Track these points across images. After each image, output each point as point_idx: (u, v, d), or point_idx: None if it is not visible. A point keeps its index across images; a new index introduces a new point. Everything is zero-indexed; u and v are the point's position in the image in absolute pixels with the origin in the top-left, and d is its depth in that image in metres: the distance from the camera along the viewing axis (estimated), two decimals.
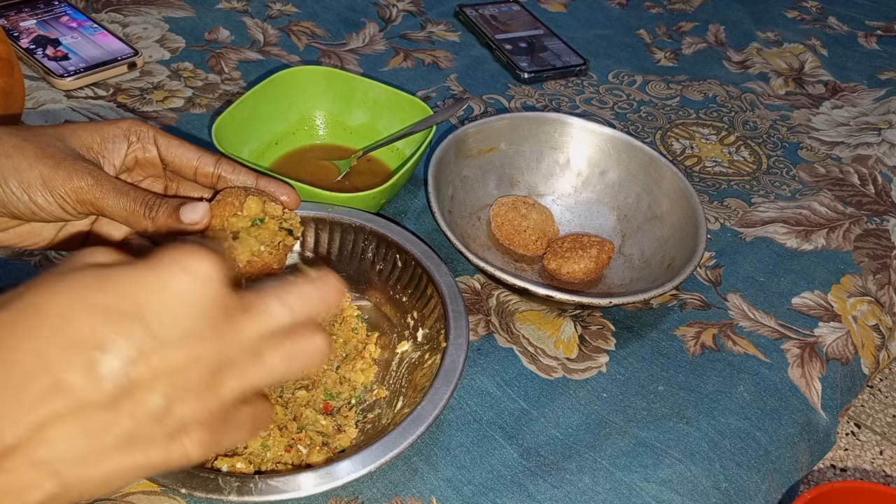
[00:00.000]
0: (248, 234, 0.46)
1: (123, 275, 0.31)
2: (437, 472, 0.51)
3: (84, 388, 0.29)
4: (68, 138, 0.46)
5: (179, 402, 0.31)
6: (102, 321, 0.30)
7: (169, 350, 0.31)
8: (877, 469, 1.46)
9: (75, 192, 0.44)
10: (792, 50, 1.03)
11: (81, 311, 0.30)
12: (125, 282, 0.31)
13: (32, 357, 0.29)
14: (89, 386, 0.29)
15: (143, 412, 0.31)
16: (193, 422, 0.32)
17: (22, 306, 0.30)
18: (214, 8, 0.94)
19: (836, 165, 0.83)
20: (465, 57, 0.92)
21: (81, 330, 0.30)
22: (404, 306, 0.57)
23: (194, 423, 0.32)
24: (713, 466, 0.53)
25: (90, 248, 0.34)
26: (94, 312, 0.30)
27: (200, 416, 0.32)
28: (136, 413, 0.31)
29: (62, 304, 0.30)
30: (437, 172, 0.64)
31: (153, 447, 0.32)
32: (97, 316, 0.30)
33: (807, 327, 0.64)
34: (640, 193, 0.69)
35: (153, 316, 0.31)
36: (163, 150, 0.49)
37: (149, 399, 0.31)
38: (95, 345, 0.30)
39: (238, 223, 0.46)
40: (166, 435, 0.32)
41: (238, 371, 0.33)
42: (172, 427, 0.32)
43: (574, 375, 0.58)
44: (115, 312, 0.30)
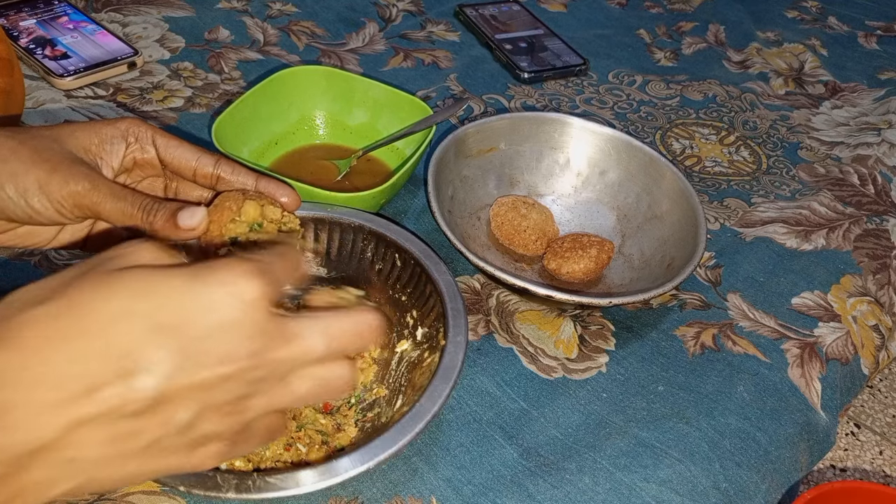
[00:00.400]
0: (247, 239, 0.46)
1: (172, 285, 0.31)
2: (436, 472, 0.50)
3: (117, 397, 0.30)
4: (65, 140, 0.45)
5: (204, 418, 0.32)
6: (145, 332, 0.30)
7: (203, 370, 0.31)
8: (876, 469, 1.46)
9: (72, 197, 0.43)
10: (792, 50, 1.03)
11: (126, 318, 0.30)
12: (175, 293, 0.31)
13: (73, 359, 0.30)
14: (122, 396, 0.30)
15: (170, 425, 0.31)
16: (215, 436, 0.33)
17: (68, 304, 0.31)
18: (214, 8, 0.94)
19: (835, 165, 0.83)
20: (465, 57, 0.92)
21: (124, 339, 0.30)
22: (403, 305, 0.57)
23: (215, 438, 0.33)
24: (713, 466, 0.53)
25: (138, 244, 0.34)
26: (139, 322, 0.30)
27: (222, 431, 0.33)
28: (163, 426, 0.31)
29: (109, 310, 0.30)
30: (436, 172, 0.64)
31: (173, 456, 0.33)
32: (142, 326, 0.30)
33: (807, 327, 0.64)
34: (640, 193, 0.69)
35: (195, 335, 0.31)
36: (161, 151, 0.48)
37: (177, 414, 0.31)
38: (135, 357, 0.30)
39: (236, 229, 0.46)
40: (187, 446, 0.33)
41: (265, 396, 0.34)
42: (194, 440, 0.33)
43: (574, 375, 0.58)
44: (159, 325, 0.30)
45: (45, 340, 0.30)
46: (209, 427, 0.33)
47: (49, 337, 0.30)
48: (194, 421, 0.32)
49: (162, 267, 0.33)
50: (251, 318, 0.32)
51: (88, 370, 0.30)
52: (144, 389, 0.30)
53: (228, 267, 0.32)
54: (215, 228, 0.45)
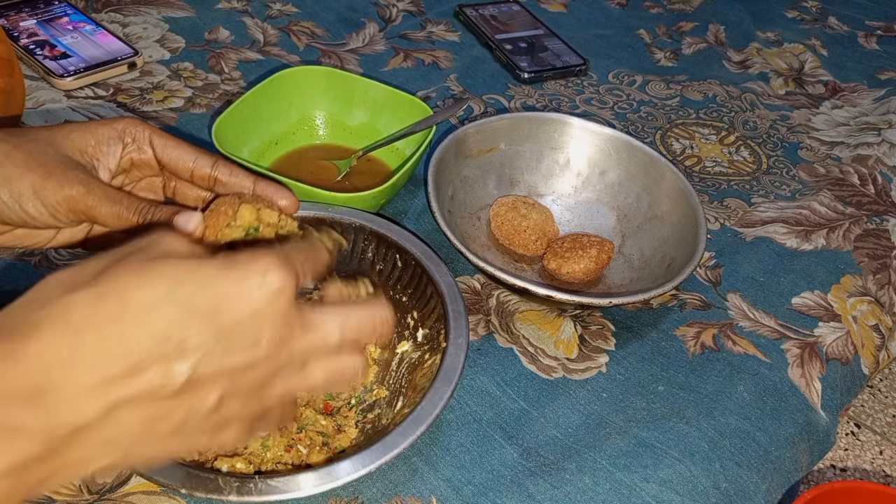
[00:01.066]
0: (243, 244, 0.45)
1: (208, 273, 0.33)
2: (437, 472, 0.51)
3: (157, 379, 0.31)
4: (61, 143, 0.45)
5: (230, 400, 0.34)
6: (183, 318, 0.32)
7: (233, 355, 0.33)
8: (877, 469, 1.46)
9: (66, 202, 0.43)
10: (792, 50, 1.03)
11: (166, 304, 0.32)
12: (208, 282, 0.33)
13: (116, 342, 0.31)
14: (162, 378, 0.32)
15: (200, 406, 0.33)
16: (237, 418, 0.35)
17: (111, 288, 0.32)
18: (214, 8, 0.94)
19: (836, 165, 0.83)
20: (465, 57, 0.92)
21: (163, 324, 0.32)
22: (404, 306, 0.57)
23: (237, 419, 0.35)
24: (713, 466, 0.53)
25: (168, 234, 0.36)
26: (176, 308, 0.32)
27: (243, 413, 0.35)
28: (194, 406, 0.33)
29: (150, 294, 0.32)
30: (437, 172, 0.64)
31: (199, 436, 0.35)
32: (179, 312, 0.32)
33: (807, 327, 0.64)
34: (640, 193, 0.69)
35: (229, 321, 0.33)
36: (158, 152, 0.48)
37: (207, 396, 0.33)
38: (174, 341, 0.32)
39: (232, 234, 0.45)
40: (213, 427, 0.35)
41: (284, 381, 0.36)
42: (219, 421, 0.35)
43: (574, 375, 0.58)
44: (195, 311, 0.32)
45: (88, 323, 0.31)
46: (233, 409, 0.35)
47: (91, 321, 0.31)
48: (221, 403, 0.34)
49: (194, 257, 0.34)
50: (278, 307, 0.34)
51: (129, 353, 0.31)
52: (181, 372, 0.32)
53: (257, 258, 0.34)
54: (211, 233, 0.44)
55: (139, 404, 0.32)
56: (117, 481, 0.48)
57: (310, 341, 0.36)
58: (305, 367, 0.37)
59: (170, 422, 0.33)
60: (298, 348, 0.36)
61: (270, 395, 0.36)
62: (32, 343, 0.30)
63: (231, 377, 0.33)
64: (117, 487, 0.47)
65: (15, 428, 0.30)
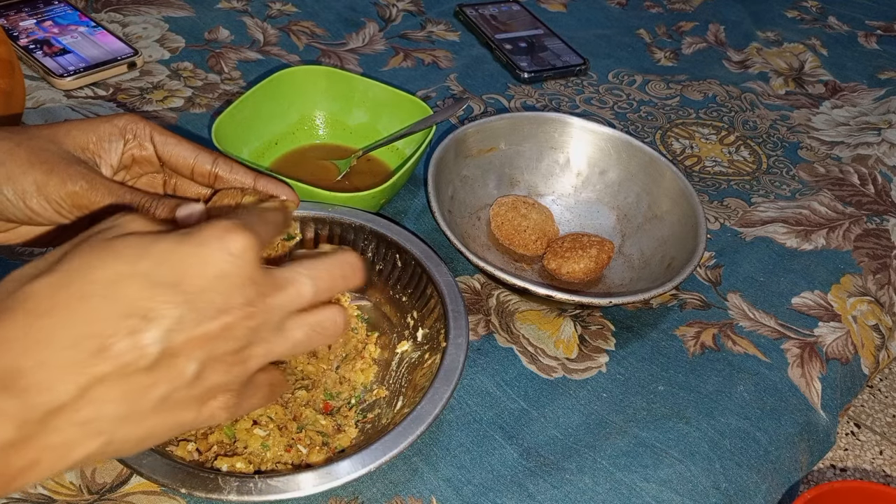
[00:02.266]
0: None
1: (167, 246, 0.33)
2: (437, 472, 0.51)
3: (128, 353, 0.31)
4: (63, 140, 0.45)
5: (210, 369, 0.34)
6: (148, 290, 0.32)
7: (205, 321, 0.33)
8: (877, 469, 1.46)
9: (70, 198, 0.44)
10: (792, 50, 1.03)
11: (129, 279, 0.32)
12: (168, 253, 0.33)
13: (82, 321, 0.31)
14: (133, 351, 0.31)
15: (179, 378, 0.33)
16: (221, 387, 0.35)
17: (71, 270, 0.32)
18: (214, 8, 0.94)
19: (836, 165, 0.83)
20: (465, 57, 0.92)
21: (128, 298, 0.31)
22: (404, 306, 0.57)
23: (222, 389, 0.35)
24: (713, 466, 0.53)
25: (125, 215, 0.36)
26: (140, 281, 0.32)
27: (228, 382, 0.35)
28: (173, 378, 0.33)
29: (111, 272, 0.32)
30: (437, 172, 0.64)
31: (185, 410, 0.34)
32: (143, 285, 0.32)
33: (807, 327, 0.64)
34: (640, 193, 0.69)
35: (194, 288, 0.33)
36: (159, 148, 0.48)
37: (185, 366, 0.33)
38: (141, 313, 0.31)
39: None
40: (197, 399, 0.34)
41: (264, 344, 0.36)
42: (203, 392, 0.34)
43: (574, 375, 0.58)
44: (159, 283, 0.32)
45: (51, 307, 0.31)
46: (216, 378, 0.34)
47: (55, 303, 0.31)
48: (201, 372, 0.33)
49: (152, 232, 0.34)
50: (241, 268, 0.34)
51: (98, 330, 0.31)
52: (153, 343, 0.31)
53: (213, 225, 0.34)
54: None
55: (114, 381, 0.31)
56: (117, 481, 0.48)
57: (283, 299, 0.36)
58: (283, 328, 0.36)
59: (150, 397, 0.32)
60: (272, 308, 0.35)
61: (253, 361, 0.36)
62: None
63: (207, 344, 0.33)
64: (117, 487, 0.47)
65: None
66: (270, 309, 0.35)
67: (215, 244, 0.33)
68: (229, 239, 0.33)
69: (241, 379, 0.36)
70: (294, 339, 0.37)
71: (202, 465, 0.47)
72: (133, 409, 0.32)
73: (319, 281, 0.37)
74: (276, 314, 0.36)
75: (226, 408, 0.36)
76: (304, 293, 0.37)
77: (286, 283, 0.36)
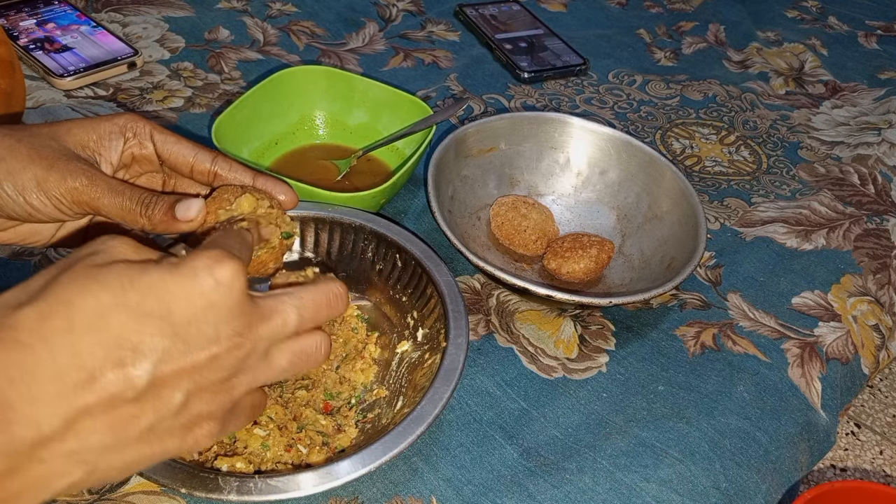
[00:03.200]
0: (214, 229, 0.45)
1: (154, 276, 0.33)
2: (437, 472, 0.51)
3: (115, 384, 0.31)
4: (63, 137, 0.45)
5: (196, 398, 0.34)
6: (135, 321, 0.32)
7: (193, 351, 0.33)
8: (877, 469, 1.46)
9: (70, 193, 0.44)
10: (792, 50, 1.03)
11: (116, 310, 0.31)
12: (156, 283, 0.33)
13: (68, 352, 0.30)
14: (120, 382, 0.31)
15: (165, 407, 0.33)
16: (206, 415, 0.35)
17: (57, 300, 0.31)
18: (214, 8, 0.94)
19: (836, 165, 0.83)
20: (465, 57, 0.92)
21: (115, 328, 0.31)
22: (404, 306, 0.57)
23: (207, 417, 0.35)
24: (713, 466, 0.53)
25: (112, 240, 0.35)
26: (127, 312, 0.32)
27: (213, 410, 0.35)
28: (159, 408, 0.33)
29: (97, 303, 0.31)
30: (437, 172, 0.64)
31: (170, 438, 0.34)
32: (130, 316, 0.32)
33: (807, 327, 0.64)
34: (640, 193, 0.69)
35: (181, 319, 0.33)
36: (159, 147, 0.48)
37: (171, 395, 0.33)
38: (128, 344, 0.31)
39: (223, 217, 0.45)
40: (182, 427, 0.34)
41: (249, 373, 0.36)
42: (188, 420, 0.34)
43: (574, 375, 0.58)
44: (147, 313, 0.32)
45: (38, 338, 0.30)
46: (201, 407, 0.34)
47: (42, 334, 0.30)
48: (187, 401, 0.33)
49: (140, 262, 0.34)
50: (231, 299, 0.34)
51: (85, 362, 0.30)
52: (141, 375, 0.31)
53: (201, 255, 0.34)
54: (212, 219, 0.45)
55: (101, 412, 0.31)
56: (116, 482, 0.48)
57: (269, 329, 0.36)
58: (268, 356, 0.37)
59: (136, 426, 0.32)
60: (260, 338, 0.35)
61: (238, 389, 0.36)
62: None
63: (194, 374, 0.33)
64: (117, 487, 0.47)
65: None
66: (258, 339, 0.35)
67: (203, 275, 0.33)
68: (218, 269, 0.33)
69: (225, 406, 0.36)
70: (279, 366, 0.37)
71: (202, 465, 0.47)
72: (118, 439, 0.32)
73: (304, 311, 0.38)
74: (262, 344, 0.36)
75: (210, 435, 0.36)
76: (290, 322, 0.37)
77: (272, 312, 0.36)
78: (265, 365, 0.37)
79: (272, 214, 0.47)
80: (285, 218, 0.47)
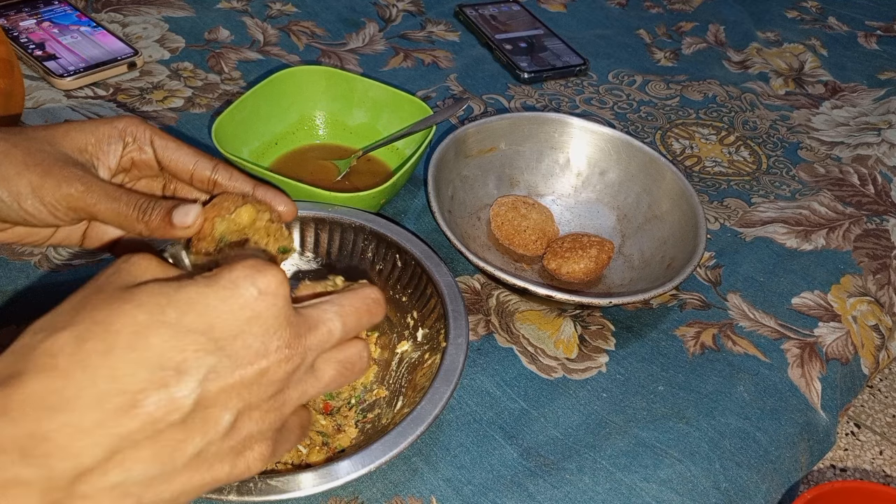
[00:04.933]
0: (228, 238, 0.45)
1: (192, 291, 0.31)
2: (437, 472, 0.51)
3: (160, 407, 0.29)
4: (60, 141, 0.45)
5: (247, 418, 0.32)
6: (177, 340, 0.30)
7: (240, 367, 0.31)
8: (877, 469, 1.46)
9: (65, 200, 0.43)
10: (792, 50, 1.03)
11: (155, 328, 0.30)
12: (195, 298, 0.31)
13: (108, 375, 0.29)
14: (165, 405, 0.29)
15: (214, 430, 0.31)
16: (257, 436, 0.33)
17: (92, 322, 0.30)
18: (214, 8, 0.94)
19: (835, 165, 0.83)
20: (465, 57, 0.92)
21: (156, 348, 0.30)
22: (404, 306, 0.57)
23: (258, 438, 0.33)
24: (713, 466, 0.53)
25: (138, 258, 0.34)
26: (168, 331, 0.30)
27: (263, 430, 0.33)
28: (207, 431, 0.31)
29: (135, 322, 0.30)
30: (437, 172, 0.64)
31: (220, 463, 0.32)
32: (171, 334, 0.30)
33: (807, 327, 0.64)
34: (640, 193, 0.69)
35: (227, 333, 0.31)
36: (159, 153, 0.48)
37: (220, 416, 0.31)
38: (171, 363, 0.30)
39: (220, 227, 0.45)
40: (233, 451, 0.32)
41: (298, 387, 0.34)
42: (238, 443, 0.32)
43: (574, 375, 0.58)
44: (189, 330, 0.30)
45: (74, 363, 0.29)
46: (251, 427, 0.32)
47: (79, 360, 0.29)
48: (236, 422, 0.32)
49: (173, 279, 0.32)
50: (276, 309, 0.32)
51: (126, 386, 0.29)
52: (186, 395, 0.30)
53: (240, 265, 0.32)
54: (209, 227, 0.44)
55: (145, 439, 0.29)
56: None
57: (316, 339, 0.34)
58: (315, 370, 0.35)
59: (183, 452, 0.30)
60: (308, 349, 0.34)
61: (288, 405, 0.34)
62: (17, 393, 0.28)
63: (243, 392, 0.31)
64: None
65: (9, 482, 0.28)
66: (306, 350, 0.34)
67: (245, 284, 0.31)
68: (260, 278, 0.32)
69: (275, 426, 0.34)
70: (326, 378, 0.36)
71: None
72: (165, 467, 0.30)
73: (347, 318, 0.36)
74: (310, 355, 0.34)
75: (262, 458, 0.34)
76: (335, 332, 0.35)
77: (318, 322, 0.35)
78: (313, 378, 0.35)
79: (271, 228, 0.46)
80: (283, 232, 0.47)
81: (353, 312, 0.37)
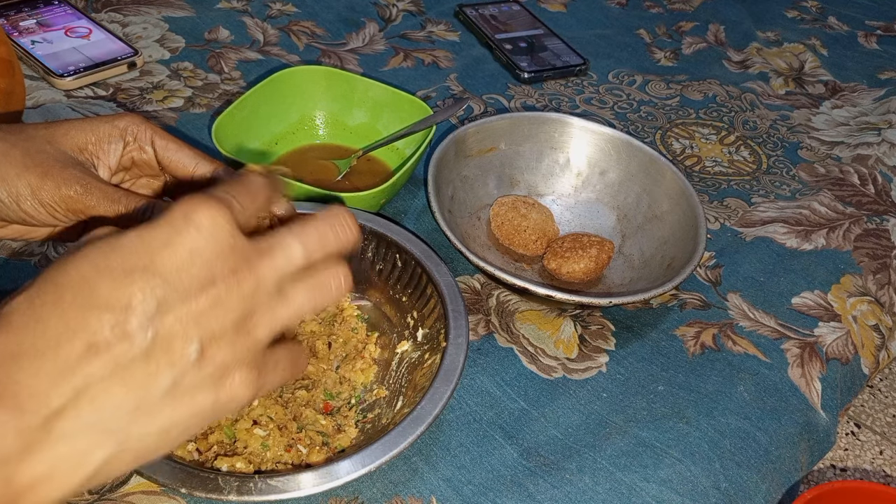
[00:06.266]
0: None
1: (132, 235, 0.32)
2: (437, 472, 0.51)
3: (117, 344, 0.30)
4: (60, 140, 0.45)
5: (214, 346, 0.33)
6: (120, 281, 0.31)
7: (191, 296, 0.32)
8: (877, 469, 1.46)
9: (64, 202, 0.43)
10: (792, 50, 1.03)
11: (99, 274, 0.31)
12: (135, 242, 0.32)
13: (59, 324, 0.30)
14: (121, 342, 0.30)
15: (182, 360, 0.32)
16: (234, 363, 0.33)
17: (43, 281, 0.31)
18: (214, 8, 0.94)
19: (836, 165, 0.83)
20: (465, 57, 0.92)
21: (102, 291, 0.31)
22: (404, 306, 0.57)
23: (235, 364, 0.34)
24: (713, 466, 0.53)
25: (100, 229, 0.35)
26: (111, 273, 0.31)
27: (239, 356, 0.34)
28: (175, 361, 0.31)
29: (79, 272, 0.31)
30: (437, 172, 0.64)
31: (201, 392, 0.33)
32: (114, 276, 0.31)
33: (807, 327, 0.64)
34: (640, 193, 0.69)
35: (168, 268, 0.32)
36: (160, 153, 0.48)
37: (184, 346, 0.32)
38: (118, 303, 0.31)
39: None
40: (211, 379, 0.33)
41: (265, 311, 0.34)
42: (214, 371, 0.33)
43: (574, 375, 0.58)
44: (130, 270, 0.31)
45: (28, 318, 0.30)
46: (224, 354, 0.33)
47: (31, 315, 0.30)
48: (205, 350, 0.32)
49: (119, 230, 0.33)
50: (217, 240, 0.33)
51: (80, 330, 0.30)
52: (140, 329, 0.31)
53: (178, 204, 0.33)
54: None
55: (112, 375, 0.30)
56: (117, 481, 0.48)
57: (273, 265, 0.34)
58: (283, 294, 0.35)
59: (158, 384, 0.31)
60: (262, 273, 0.34)
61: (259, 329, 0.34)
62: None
63: (201, 320, 0.32)
64: (117, 487, 0.47)
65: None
66: (260, 275, 0.34)
67: (180, 223, 0.32)
68: (194, 215, 0.32)
69: (252, 351, 0.34)
70: (297, 304, 0.36)
71: (202, 464, 0.47)
72: (141, 402, 0.31)
73: (308, 239, 0.36)
74: (268, 279, 0.34)
75: (246, 384, 0.34)
76: (294, 255, 0.35)
77: (272, 246, 0.35)
78: (281, 303, 0.35)
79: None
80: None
81: (315, 233, 0.36)
